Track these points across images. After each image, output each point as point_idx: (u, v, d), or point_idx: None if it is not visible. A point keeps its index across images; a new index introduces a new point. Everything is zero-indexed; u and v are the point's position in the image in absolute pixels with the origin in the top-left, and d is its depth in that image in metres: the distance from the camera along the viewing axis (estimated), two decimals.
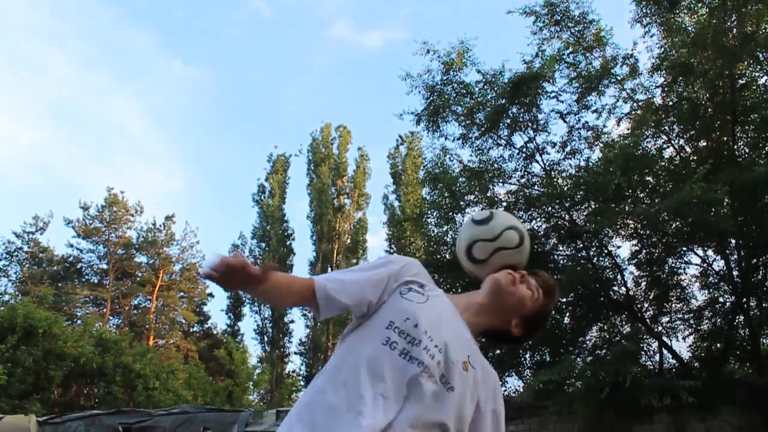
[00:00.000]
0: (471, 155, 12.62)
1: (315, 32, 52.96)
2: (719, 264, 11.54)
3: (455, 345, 1.68)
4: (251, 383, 23.71)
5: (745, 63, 10.95)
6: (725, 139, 11.02)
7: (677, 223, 10.53)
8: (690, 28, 11.27)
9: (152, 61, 50.19)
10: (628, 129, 11.88)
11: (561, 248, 12.10)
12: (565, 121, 12.02)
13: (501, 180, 12.30)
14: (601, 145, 11.94)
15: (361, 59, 52.32)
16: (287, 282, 1.73)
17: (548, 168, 12.05)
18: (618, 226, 10.99)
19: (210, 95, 52.91)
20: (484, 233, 1.97)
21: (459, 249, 2.06)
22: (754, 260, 10.79)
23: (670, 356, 11.18)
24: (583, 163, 11.74)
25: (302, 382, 28.77)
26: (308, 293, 1.70)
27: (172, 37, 51.98)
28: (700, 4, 11.57)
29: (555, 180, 11.72)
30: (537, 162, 12.15)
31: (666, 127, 11.46)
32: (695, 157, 11.23)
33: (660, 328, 11.69)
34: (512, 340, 1.97)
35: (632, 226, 11.20)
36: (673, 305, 11.98)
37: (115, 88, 49.44)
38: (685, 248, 11.30)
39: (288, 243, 32.00)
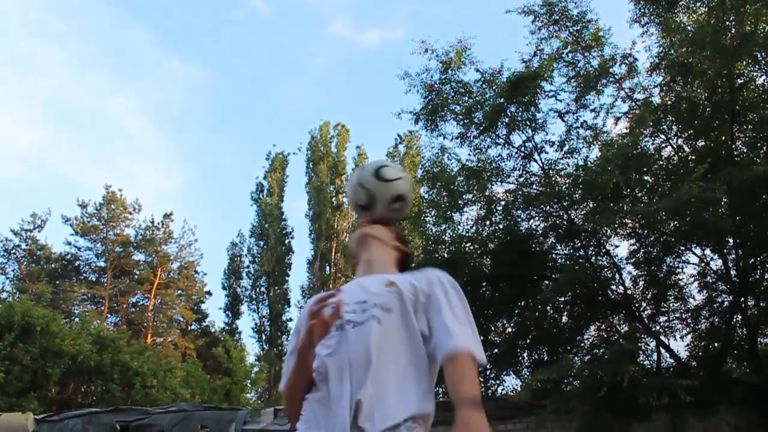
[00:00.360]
0: (469, 154, 12.62)
1: (314, 31, 53.00)
2: (717, 263, 11.55)
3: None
4: (249, 381, 23.68)
5: (744, 62, 10.95)
6: (723, 138, 11.02)
7: (675, 223, 10.52)
8: (689, 28, 11.26)
9: (151, 59, 50.21)
10: (626, 128, 11.88)
11: (559, 247, 12.11)
12: (563, 120, 12.02)
13: (499, 179, 12.29)
14: (600, 144, 11.94)
15: (359, 58, 52.35)
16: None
17: (546, 167, 12.05)
18: (616, 226, 10.99)
19: (209, 94, 52.94)
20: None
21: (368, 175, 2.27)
22: (752, 259, 10.79)
23: (668, 355, 11.19)
24: (581, 162, 11.73)
25: None
26: None
27: (171, 35, 52.02)
28: (698, 4, 11.58)
29: (553, 179, 11.71)
30: (535, 161, 12.16)
31: (664, 127, 11.45)
32: (693, 157, 11.22)
33: (658, 327, 11.70)
34: (410, 257, 2.35)
35: (630, 225, 11.19)
36: (671, 304, 11.99)
37: (113, 86, 49.46)
38: (683, 247, 11.30)
39: (287, 241, 31.98)
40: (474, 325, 1.88)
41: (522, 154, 12.14)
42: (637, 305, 11.75)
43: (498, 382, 13.02)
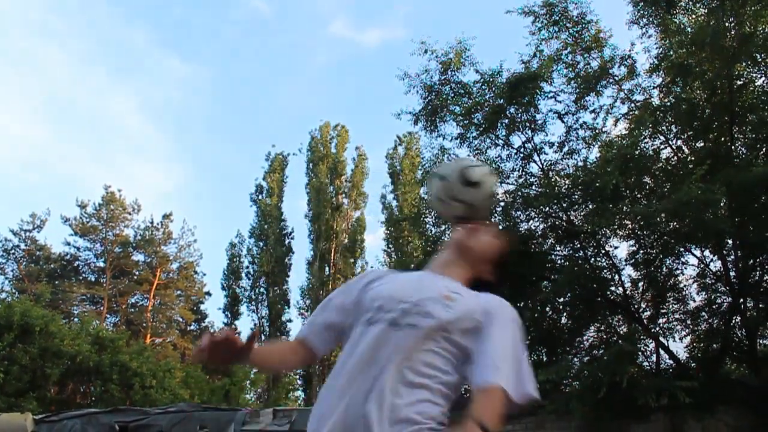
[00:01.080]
0: (469, 155, 12.62)
1: (313, 31, 52.99)
2: (716, 264, 11.55)
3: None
4: (248, 382, 23.70)
5: (743, 64, 10.95)
6: (723, 139, 11.02)
7: (675, 224, 10.52)
8: (688, 29, 11.26)
9: (150, 58, 50.24)
10: (626, 129, 11.89)
11: (558, 248, 12.11)
12: (563, 121, 12.03)
13: (499, 180, 12.30)
14: (599, 145, 11.94)
15: (359, 58, 52.36)
16: (278, 348, 2.09)
17: (546, 168, 12.06)
18: (615, 227, 10.99)
19: (208, 93, 52.98)
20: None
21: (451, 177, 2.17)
22: (751, 261, 10.79)
23: (667, 356, 11.20)
24: (581, 164, 11.74)
25: (299, 382, 28.80)
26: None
27: (171, 34, 52.02)
28: (698, 5, 11.59)
29: (553, 180, 11.72)
30: (535, 162, 12.16)
31: (664, 128, 11.45)
32: (693, 158, 11.22)
33: (657, 328, 11.70)
34: (489, 286, 2.11)
35: (630, 226, 11.20)
36: (671, 306, 12.00)
37: (113, 85, 49.45)
38: (682, 249, 11.31)
39: (286, 242, 31.98)
40: (524, 362, 1.81)
41: (521, 155, 12.15)
42: (636, 306, 11.75)
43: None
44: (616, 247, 12.33)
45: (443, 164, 2.33)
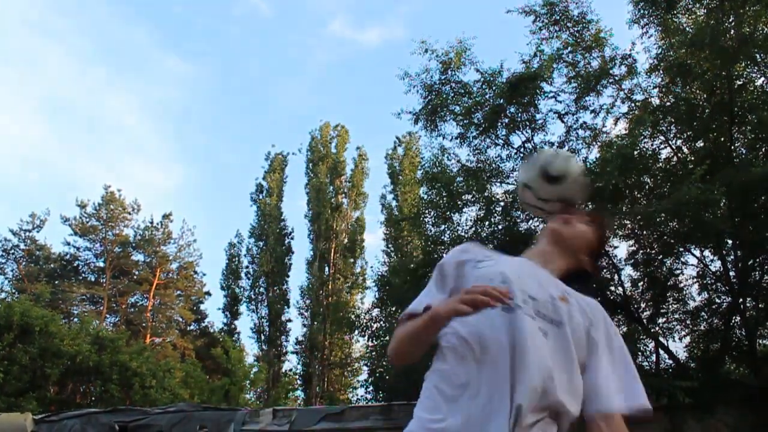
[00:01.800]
0: (469, 155, 12.63)
1: (313, 30, 53.02)
2: (716, 265, 11.57)
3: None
4: (248, 382, 23.69)
5: (743, 64, 10.96)
6: (723, 139, 11.03)
7: (674, 224, 10.53)
8: (688, 29, 11.27)
9: (150, 57, 50.29)
10: (625, 129, 11.90)
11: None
12: (563, 121, 12.04)
13: (498, 180, 12.31)
14: (599, 145, 11.95)
15: (359, 57, 52.36)
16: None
17: None
18: (615, 227, 11.00)
19: (208, 93, 53.00)
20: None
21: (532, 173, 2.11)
22: (751, 261, 10.81)
23: (667, 356, 11.21)
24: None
25: (299, 381, 28.79)
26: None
27: (170, 33, 52.07)
28: (698, 5, 11.59)
29: None
30: None
31: (663, 128, 11.46)
32: (693, 158, 11.23)
33: (657, 328, 11.72)
34: (587, 277, 2.07)
35: (629, 226, 11.21)
36: (670, 306, 12.01)
37: (112, 85, 49.46)
38: (682, 249, 11.32)
39: (286, 242, 31.97)
40: (635, 372, 1.73)
41: (521, 154, 12.15)
42: (636, 306, 11.76)
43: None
44: (615, 247, 12.31)
45: (524, 167, 2.05)
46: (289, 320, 31.03)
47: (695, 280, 11.84)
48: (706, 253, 11.56)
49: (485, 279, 1.72)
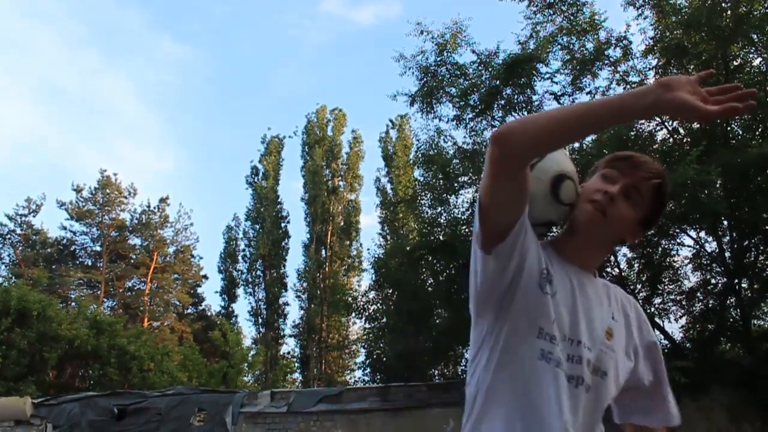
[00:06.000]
0: (465, 137, 12.62)
1: (305, 8, 52.57)
2: (712, 245, 11.62)
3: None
4: (246, 365, 23.76)
5: (739, 44, 10.93)
6: (719, 121, 11.02)
7: (670, 205, 10.56)
8: (684, 10, 11.23)
9: (143, 39, 50.01)
10: None
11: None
12: (559, 103, 12.00)
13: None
14: None
15: (353, 36, 51.97)
16: None
17: None
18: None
19: (202, 75, 52.76)
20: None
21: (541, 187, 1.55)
22: (746, 241, 10.85)
23: (663, 337, 11.26)
24: (576, 145, 11.74)
25: (297, 364, 28.92)
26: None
27: (163, 15, 51.66)
28: None
29: None
30: None
31: None
32: (689, 139, 11.23)
33: (653, 309, 11.77)
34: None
35: None
36: (666, 286, 12.06)
37: (106, 68, 49.17)
38: (678, 230, 11.35)
39: (283, 225, 31.96)
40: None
41: None
42: (632, 287, 11.81)
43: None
44: None
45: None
46: (287, 303, 31.13)
47: (691, 260, 11.89)
48: (702, 234, 11.60)
49: (561, 320, 1.46)
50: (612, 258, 11.67)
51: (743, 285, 11.26)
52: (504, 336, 1.46)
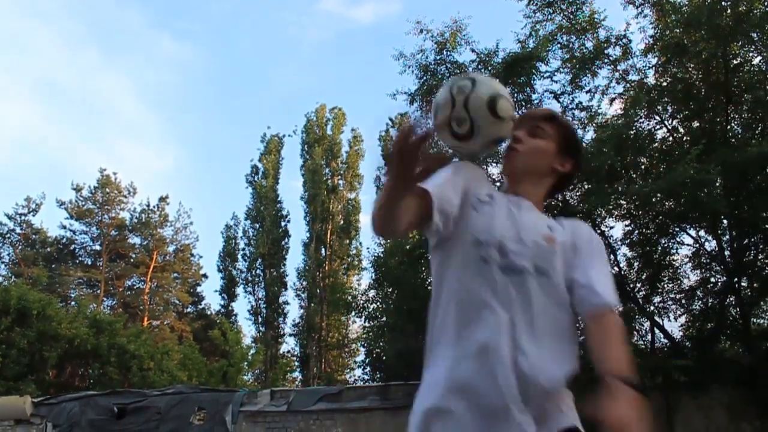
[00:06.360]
0: None
1: (305, 6, 52.47)
2: (711, 244, 11.61)
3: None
4: (246, 363, 23.78)
5: (739, 43, 10.92)
6: (718, 119, 11.03)
7: (670, 204, 10.56)
8: (684, 8, 11.23)
9: (142, 38, 49.92)
10: (621, 110, 11.89)
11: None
12: (558, 102, 12.01)
13: (494, 160, 12.28)
14: (595, 125, 11.94)
15: (352, 35, 51.87)
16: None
17: None
18: (611, 207, 11.01)
19: (201, 74, 52.61)
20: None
21: (478, 103, 1.74)
22: (746, 240, 10.85)
23: (662, 336, 11.27)
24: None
25: (296, 363, 28.92)
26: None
27: (162, 14, 51.53)
28: None
29: None
30: None
31: (659, 108, 11.45)
32: (688, 138, 11.23)
33: (652, 307, 11.77)
34: (569, 179, 1.98)
35: (625, 206, 11.23)
36: (666, 285, 12.06)
37: (105, 67, 49.12)
38: (677, 228, 11.35)
39: (282, 224, 31.95)
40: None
41: None
42: (631, 286, 11.81)
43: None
44: (611, 227, 12.35)
45: (458, 83, 1.79)
46: (286, 302, 31.11)
47: (690, 259, 11.90)
48: (702, 232, 11.60)
49: (485, 232, 1.70)
50: (611, 257, 11.68)
51: (743, 284, 11.26)
52: (447, 257, 1.76)
